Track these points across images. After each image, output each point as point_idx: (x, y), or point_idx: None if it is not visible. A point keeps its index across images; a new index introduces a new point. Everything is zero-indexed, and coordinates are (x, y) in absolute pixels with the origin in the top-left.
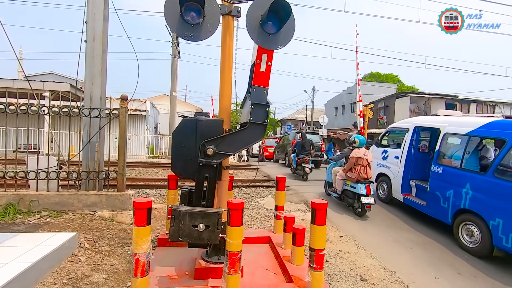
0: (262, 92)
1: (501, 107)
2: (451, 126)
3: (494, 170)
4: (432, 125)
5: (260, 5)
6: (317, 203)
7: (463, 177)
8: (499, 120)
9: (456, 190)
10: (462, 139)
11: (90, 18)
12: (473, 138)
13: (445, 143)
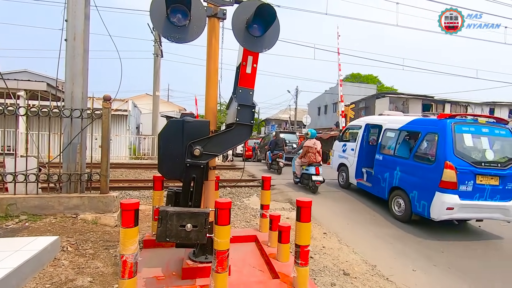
0: (248, 94)
1: (473, 107)
2: (389, 123)
3: (413, 155)
4: (377, 122)
5: (245, 8)
6: (302, 201)
7: (395, 162)
8: (418, 118)
9: (390, 173)
10: (395, 133)
11: (71, 16)
12: (402, 132)
13: (385, 136)
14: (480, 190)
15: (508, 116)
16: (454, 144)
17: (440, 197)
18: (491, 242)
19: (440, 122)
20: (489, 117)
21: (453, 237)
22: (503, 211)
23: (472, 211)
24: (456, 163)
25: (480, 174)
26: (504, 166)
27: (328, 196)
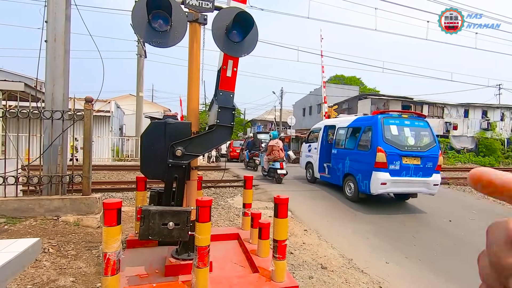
0: (228, 96)
1: (449, 108)
2: (340, 123)
3: (357, 145)
4: (333, 123)
5: (225, 15)
6: (279, 198)
7: (345, 153)
8: (360, 116)
9: (343, 163)
10: (345, 130)
11: (51, 17)
12: (349, 129)
13: (338, 134)
14: (406, 168)
15: (481, 117)
16: (383, 133)
17: (376, 175)
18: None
19: (373, 118)
20: (410, 112)
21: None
22: (426, 185)
23: (401, 186)
24: (385, 148)
25: (404, 155)
26: (423, 149)
27: (308, 195)
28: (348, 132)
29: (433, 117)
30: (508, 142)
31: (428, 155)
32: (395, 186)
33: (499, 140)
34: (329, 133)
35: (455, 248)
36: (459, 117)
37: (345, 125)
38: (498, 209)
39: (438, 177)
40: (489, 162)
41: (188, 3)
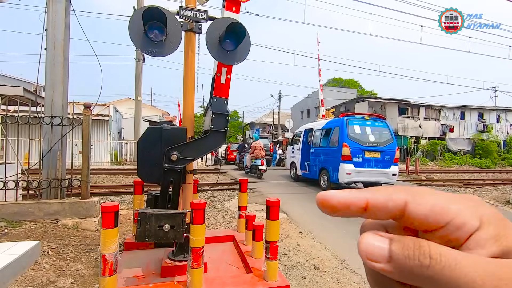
0: (222, 102)
1: (445, 110)
2: (317, 126)
3: (328, 143)
4: (311, 126)
5: (218, 25)
6: (271, 200)
7: (320, 151)
8: (332, 119)
9: (318, 159)
10: (320, 131)
11: (51, 26)
12: (323, 130)
13: (315, 135)
14: (368, 161)
15: (477, 119)
16: (348, 132)
17: (342, 166)
18: None
19: (340, 119)
20: (371, 115)
21: None
22: (385, 175)
23: (364, 175)
24: (349, 144)
25: (366, 150)
26: (382, 145)
27: (303, 198)
28: (322, 133)
29: (430, 120)
30: (504, 144)
31: (386, 150)
32: (358, 176)
33: (495, 142)
34: (308, 135)
35: None
36: (456, 120)
37: (320, 127)
38: None
39: (396, 169)
40: (485, 164)
41: (183, 14)
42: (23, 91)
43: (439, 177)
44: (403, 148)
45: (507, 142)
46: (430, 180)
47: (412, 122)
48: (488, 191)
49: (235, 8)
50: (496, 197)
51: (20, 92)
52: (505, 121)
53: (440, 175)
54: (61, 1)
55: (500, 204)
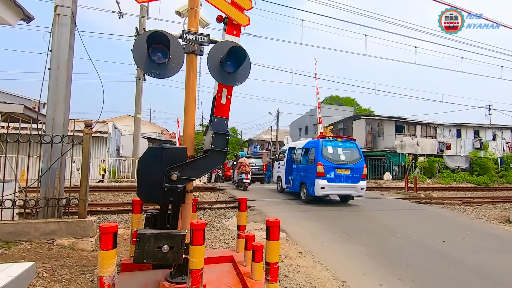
0: (223, 122)
1: (441, 128)
2: (299, 145)
3: (306, 161)
4: (294, 145)
5: (220, 48)
6: (271, 221)
7: (301, 167)
8: (310, 140)
9: (299, 174)
10: (301, 150)
11: (56, 47)
12: (303, 149)
13: (296, 153)
14: (339, 177)
15: (473, 137)
16: (322, 152)
17: (317, 181)
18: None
19: (316, 141)
20: (343, 137)
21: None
22: (354, 189)
23: (336, 189)
24: (323, 162)
25: (337, 168)
26: (352, 163)
27: (303, 216)
28: (302, 152)
29: (427, 137)
30: (501, 161)
31: (355, 167)
32: (331, 190)
33: (492, 160)
34: (292, 153)
35: (448, 269)
36: (452, 137)
37: (301, 146)
38: (491, 230)
39: (364, 183)
40: (483, 181)
41: (186, 38)
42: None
43: (438, 194)
44: (401, 165)
45: (504, 160)
46: (429, 198)
47: (409, 140)
48: (488, 209)
49: (236, 32)
50: (495, 215)
51: (21, 109)
52: (501, 139)
53: (439, 193)
54: (66, 23)
55: (500, 222)
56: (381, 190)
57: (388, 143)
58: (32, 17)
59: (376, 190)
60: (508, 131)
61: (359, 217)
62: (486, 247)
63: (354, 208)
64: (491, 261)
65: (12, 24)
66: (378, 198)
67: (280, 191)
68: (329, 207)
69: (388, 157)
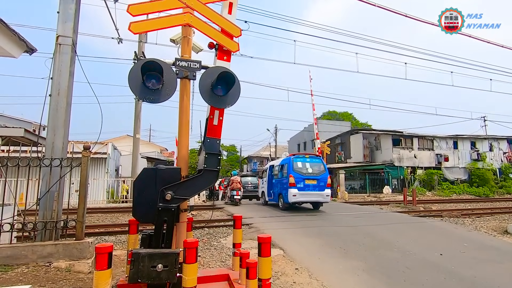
0: (215, 143)
1: (438, 140)
2: (276, 163)
3: (281, 175)
4: (273, 163)
5: (210, 73)
6: (262, 237)
7: (278, 181)
8: (285, 158)
9: (277, 187)
10: (278, 166)
11: (56, 74)
12: (280, 166)
13: (274, 169)
14: (308, 186)
15: (470, 148)
16: (293, 166)
17: (290, 190)
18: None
19: (288, 158)
20: (311, 154)
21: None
22: (321, 196)
23: (306, 197)
24: (294, 175)
25: (306, 179)
26: (317, 174)
27: (300, 232)
28: (279, 168)
29: (424, 150)
30: (500, 172)
31: (321, 178)
32: (302, 197)
33: (491, 170)
34: (272, 170)
35: (444, 282)
36: (449, 149)
37: (278, 164)
38: (489, 241)
39: (329, 191)
40: (483, 193)
41: (178, 65)
42: (24, 132)
43: (437, 207)
44: (400, 178)
45: (503, 170)
46: (428, 211)
47: (407, 153)
48: (487, 221)
49: (226, 57)
50: (494, 226)
51: (21, 133)
52: (498, 149)
53: (439, 205)
54: (67, 52)
55: (498, 234)
56: (380, 204)
57: (386, 156)
58: (35, 49)
59: (375, 204)
60: (505, 142)
61: (357, 232)
62: (483, 259)
63: (351, 222)
64: (488, 273)
65: (16, 57)
66: (376, 212)
67: (264, 204)
68: (326, 222)
69: (387, 171)
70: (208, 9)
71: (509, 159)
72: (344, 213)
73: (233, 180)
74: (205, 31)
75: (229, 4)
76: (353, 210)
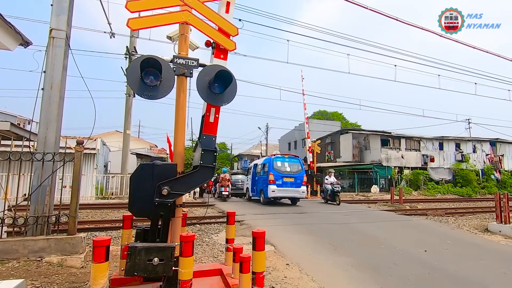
0: (211, 140)
1: (425, 141)
2: (259, 162)
3: (263, 173)
4: (257, 162)
5: (208, 72)
6: (257, 232)
7: (260, 178)
8: (266, 158)
9: (259, 183)
10: (261, 165)
11: (49, 68)
12: (262, 164)
13: (257, 167)
14: (286, 183)
15: (455, 149)
16: (273, 165)
17: (269, 186)
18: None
19: (269, 158)
20: (289, 154)
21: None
22: (297, 192)
23: (283, 193)
24: (274, 172)
25: (284, 176)
26: (295, 173)
27: (292, 230)
28: (262, 166)
29: (411, 150)
30: (482, 173)
31: (298, 176)
32: (280, 193)
33: (474, 171)
34: (256, 168)
35: (428, 277)
36: (435, 150)
37: (261, 162)
38: (471, 239)
39: (304, 188)
40: (466, 193)
41: (176, 62)
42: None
43: (422, 206)
44: (387, 178)
45: (485, 171)
46: (414, 209)
47: (395, 153)
48: (469, 219)
49: (223, 56)
50: (475, 225)
51: (7, 126)
52: (481, 151)
53: (424, 204)
54: (61, 45)
55: (479, 231)
56: (368, 203)
57: (374, 156)
58: (30, 42)
59: (363, 203)
60: (488, 144)
61: (346, 230)
62: (465, 255)
63: (341, 220)
64: (469, 268)
65: (11, 49)
66: (364, 210)
67: (248, 199)
68: (315, 220)
69: (375, 170)
70: (205, 8)
71: (491, 160)
72: (333, 211)
73: (222, 177)
74: (203, 29)
75: (226, 3)
76: (342, 208)
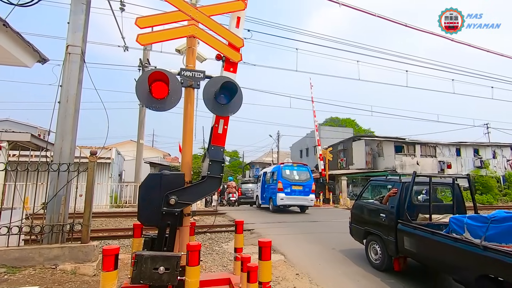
0: (219, 151)
1: (441, 147)
2: (269, 170)
3: (272, 181)
4: (266, 170)
5: (214, 83)
6: (263, 241)
7: (270, 186)
8: (275, 166)
9: (268, 191)
10: (270, 173)
11: (65, 82)
12: (271, 172)
13: (267, 176)
14: (294, 191)
15: (473, 155)
16: (282, 173)
17: (278, 194)
18: None
19: (278, 166)
20: (298, 163)
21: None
22: (306, 200)
23: (292, 201)
24: (282, 181)
25: (293, 184)
26: (304, 181)
27: (301, 238)
28: (271, 174)
29: (426, 157)
30: (504, 180)
31: (306, 184)
32: (288, 201)
33: (495, 178)
34: (265, 176)
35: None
36: (452, 156)
37: (270, 170)
38: None
39: (313, 196)
40: (487, 200)
41: (183, 75)
42: (31, 137)
43: None
44: None
45: (507, 178)
46: None
47: (409, 160)
48: None
49: (233, 69)
50: None
51: (27, 138)
52: (501, 157)
53: None
54: (76, 61)
55: None
56: None
57: (388, 163)
58: (47, 59)
59: None
60: (508, 149)
61: None
62: None
63: None
64: None
65: (29, 66)
66: None
67: (257, 206)
68: (326, 229)
69: None
70: (212, 21)
71: None
72: (345, 219)
73: (229, 185)
74: (209, 42)
75: (237, 18)
76: None
